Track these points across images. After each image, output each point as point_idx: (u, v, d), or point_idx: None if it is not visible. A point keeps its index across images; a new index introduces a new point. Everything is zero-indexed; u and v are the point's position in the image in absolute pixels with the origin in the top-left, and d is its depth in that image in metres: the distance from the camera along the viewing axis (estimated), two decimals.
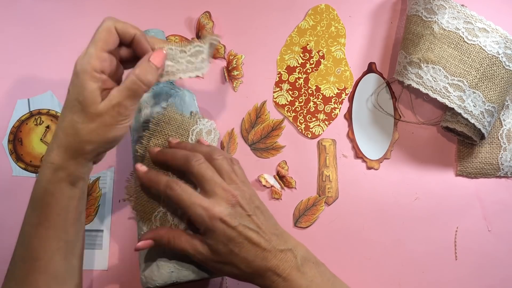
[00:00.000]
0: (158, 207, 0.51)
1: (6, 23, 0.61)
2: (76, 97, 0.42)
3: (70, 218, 0.45)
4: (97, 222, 0.57)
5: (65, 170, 0.43)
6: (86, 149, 0.43)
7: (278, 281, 0.44)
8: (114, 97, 0.42)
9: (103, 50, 0.42)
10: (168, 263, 0.49)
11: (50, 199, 0.43)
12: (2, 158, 0.59)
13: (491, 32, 0.56)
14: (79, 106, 0.42)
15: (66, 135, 0.42)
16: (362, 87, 0.61)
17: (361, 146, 0.60)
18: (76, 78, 0.42)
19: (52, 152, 0.43)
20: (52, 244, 0.44)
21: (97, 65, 0.41)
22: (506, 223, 0.59)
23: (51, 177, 0.43)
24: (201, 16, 0.61)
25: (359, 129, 0.60)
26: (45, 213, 0.43)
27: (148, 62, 0.44)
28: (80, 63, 0.42)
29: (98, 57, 0.42)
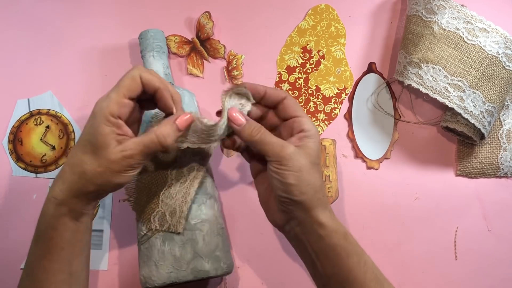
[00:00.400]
0: (157, 208, 0.51)
1: (6, 23, 0.61)
2: (89, 138, 0.42)
3: (74, 251, 0.45)
4: (97, 222, 0.57)
5: (67, 205, 0.43)
6: (89, 189, 0.43)
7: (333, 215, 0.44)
8: (128, 148, 0.42)
9: (125, 96, 0.42)
10: (167, 263, 0.49)
11: (53, 233, 0.43)
12: (2, 158, 0.59)
13: (491, 32, 0.56)
14: (90, 148, 0.42)
15: (72, 173, 0.43)
16: (362, 87, 0.61)
17: (361, 146, 0.60)
18: (93, 119, 0.42)
19: (56, 187, 0.43)
20: (57, 277, 0.44)
21: (115, 110, 0.42)
22: (506, 223, 0.59)
23: (54, 212, 0.43)
24: (201, 16, 0.61)
25: (359, 129, 0.60)
26: (48, 247, 0.44)
27: (173, 124, 0.44)
28: (99, 105, 0.42)
29: (118, 102, 0.42)
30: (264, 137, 0.44)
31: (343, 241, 0.44)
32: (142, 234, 0.51)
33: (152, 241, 0.50)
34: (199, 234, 0.51)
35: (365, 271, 0.44)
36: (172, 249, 0.50)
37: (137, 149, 0.42)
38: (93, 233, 0.57)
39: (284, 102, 0.46)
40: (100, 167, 0.42)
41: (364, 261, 0.44)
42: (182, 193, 0.51)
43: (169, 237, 0.50)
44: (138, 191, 0.52)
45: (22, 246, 0.56)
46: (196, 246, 0.50)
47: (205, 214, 0.51)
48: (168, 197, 0.51)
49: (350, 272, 0.43)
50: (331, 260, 0.44)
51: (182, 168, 0.52)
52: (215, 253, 0.51)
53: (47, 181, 0.58)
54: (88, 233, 0.46)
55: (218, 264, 0.50)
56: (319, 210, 0.43)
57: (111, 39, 0.61)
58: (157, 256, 0.49)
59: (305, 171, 0.43)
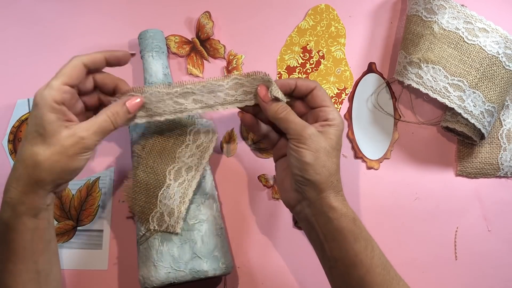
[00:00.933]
0: (155, 208, 0.51)
1: (6, 23, 0.61)
2: (36, 129, 0.42)
3: (38, 249, 0.44)
4: (97, 222, 0.57)
5: (24, 204, 0.42)
6: (46, 180, 0.42)
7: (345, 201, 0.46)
8: (81, 130, 0.43)
9: (65, 83, 0.43)
10: (166, 263, 0.49)
11: (13, 235, 0.43)
12: (2, 158, 0.59)
13: (491, 32, 0.56)
14: (39, 138, 0.42)
15: (25, 167, 0.42)
16: (362, 87, 0.61)
17: (361, 146, 0.60)
18: (35, 110, 0.42)
19: (10, 186, 0.42)
20: (23, 277, 0.43)
21: (57, 97, 0.42)
22: (506, 223, 0.59)
23: (11, 213, 0.42)
24: (201, 16, 0.61)
25: (359, 129, 0.60)
26: (10, 249, 0.43)
27: (123, 106, 0.46)
28: (40, 95, 0.42)
29: (59, 89, 0.42)
30: (288, 116, 0.46)
31: (352, 225, 0.45)
32: (140, 235, 0.51)
33: (151, 242, 0.50)
34: (198, 235, 0.51)
35: (372, 256, 0.45)
36: (171, 249, 0.50)
37: (91, 130, 0.43)
38: (93, 233, 0.57)
39: (313, 92, 0.48)
40: (54, 155, 0.41)
41: (372, 247, 0.45)
42: (180, 193, 0.51)
43: (168, 238, 0.50)
44: (136, 191, 0.52)
45: None
46: (195, 247, 0.50)
47: (203, 214, 0.52)
48: (166, 197, 0.51)
49: (356, 256, 0.44)
50: (338, 243, 0.45)
51: (180, 168, 0.52)
52: (213, 253, 0.51)
53: None
54: (50, 228, 0.45)
55: (217, 264, 0.50)
56: (331, 193, 0.45)
57: (111, 39, 0.61)
58: (156, 257, 0.50)
59: (322, 153, 0.45)
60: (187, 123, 0.53)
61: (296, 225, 0.58)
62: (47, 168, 0.42)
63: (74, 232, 0.57)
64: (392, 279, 0.45)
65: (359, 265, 0.44)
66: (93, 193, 0.58)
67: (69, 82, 0.43)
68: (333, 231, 0.45)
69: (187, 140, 0.53)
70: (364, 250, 0.45)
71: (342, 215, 0.45)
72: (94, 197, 0.58)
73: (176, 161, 0.52)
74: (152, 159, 0.52)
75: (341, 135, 0.47)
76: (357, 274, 0.44)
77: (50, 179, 0.42)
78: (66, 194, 0.58)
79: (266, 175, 0.59)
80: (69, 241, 0.57)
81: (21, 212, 0.42)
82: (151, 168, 0.51)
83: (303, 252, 0.57)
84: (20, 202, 0.42)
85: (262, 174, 0.59)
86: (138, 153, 0.52)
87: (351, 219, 0.45)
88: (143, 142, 0.52)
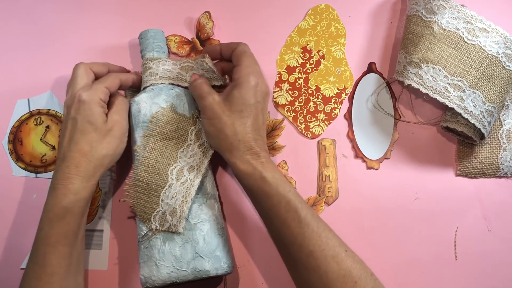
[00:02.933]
0: (157, 207, 0.51)
1: (6, 23, 0.61)
2: (87, 120, 0.49)
3: (81, 235, 0.49)
4: (97, 222, 0.57)
5: (86, 189, 0.48)
6: (104, 163, 0.50)
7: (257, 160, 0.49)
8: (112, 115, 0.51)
9: (106, 87, 0.51)
10: (168, 263, 0.49)
11: (71, 218, 0.47)
12: (2, 158, 0.59)
13: (491, 32, 0.56)
14: (91, 127, 0.49)
15: (83, 155, 0.48)
16: (362, 87, 0.61)
17: (361, 146, 0.60)
18: (83, 106, 0.49)
19: (69, 173, 0.48)
20: (67, 261, 0.47)
21: (102, 96, 0.50)
22: (506, 223, 0.59)
23: (75, 198, 0.47)
24: (201, 16, 0.61)
25: (359, 129, 0.60)
26: (65, 231, 0.47)
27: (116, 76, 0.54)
28: (86, 95, 0.49)
29: (103, 90, 0.51)
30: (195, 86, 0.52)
31: (260, 183, 0.48)
32: (142, 234, 0.51)
33: (153, 241, 0.50)
34: (200, 234, 0.51)
35: (287, 211, 0.47)
36: (173, 248, 0.50)
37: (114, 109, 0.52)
38: (93, 233, 0.57)
39: (234, 52, 0.52)
40: (106, 137, 0.50)
41: (287, 202, 0.47)
42: (183, 193, 0.51)
43: (170, 237, 0.50)
44: (138, 191, 0.52)
45: (22, 246, 0.56)
46: (197, 246, 0.50)
47: (205, 214, 0.52)
48: (168, 197, 0.51)
49: (270, 211, 0.48)
50: (253, 200, 0.50)
51: (182, 167, 0.52)
52: (215, 253, 0.51)
53: (47, 181, 0.58)
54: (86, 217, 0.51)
55: (219, 263, 0.50)
56: (232, 154, 0.49)
57: (111, 39, 0.61)
58: (158, 256, 0.50)
59: (217, 120, 0.49)
60: (188, 123, 0.53)
61: None
62: (103, 152, 0.49)
63: None
64: (312, 232, 0.46)
65: (274, 219, 0.47)
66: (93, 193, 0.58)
67: (109, 88, 0.52)
68: (246, 189, 0.49)
69: (189, 140, 0.53)
70: (277, 206, 0.47)
71: (247, 175, 0.48)
72: (94, 197, 0.58)
73: (178, 161, 0.52)
74: (153, 159, 0.52)
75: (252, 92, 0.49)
76: (275, 227, 0.48)
77: (107, 162, 0.50)
78: None
79: None
80: None
81: (83, 197, 0.48)
82: (153, 167, 0.51)
83: None
84: (82, 187, 0.48)
85: None
86: (139, 152, 0.52)
87: (259, 177, 0.47)
88: (144, 142, 0.52)
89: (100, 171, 0.49)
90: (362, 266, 0.46)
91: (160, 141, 0.52)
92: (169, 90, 0.54)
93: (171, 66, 0.56)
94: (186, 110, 0.54)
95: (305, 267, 0.46)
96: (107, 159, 0.50)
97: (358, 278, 0.45)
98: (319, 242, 0.46)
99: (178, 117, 0.53)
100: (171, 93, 0.54)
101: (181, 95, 0.54)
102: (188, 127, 0.53)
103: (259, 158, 0.49)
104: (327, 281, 0.45)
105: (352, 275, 0.45)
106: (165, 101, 0.53)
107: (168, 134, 0.52)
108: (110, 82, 0.52)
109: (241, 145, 0.49)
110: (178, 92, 0.54)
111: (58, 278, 0.46)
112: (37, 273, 0.47)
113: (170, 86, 0.55)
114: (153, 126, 0.52)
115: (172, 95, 0.54)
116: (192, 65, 0.55)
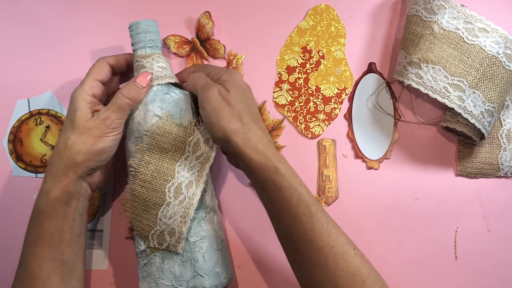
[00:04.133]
0: (155, 226, 0.49)
1: (6, 23, 0.61)
2: (69, 118, 0.47)
3: (65, 239, 0.47)
4: (97, 222, 0.57)
5: (56, 188, 0.46)
6: (76, 161, 0.46)
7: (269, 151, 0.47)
8: (101, 112, 0.47)
9: (94, 79, 0.49)
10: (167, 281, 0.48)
11: (43, 218, 0.46)
12: (2, 158, 0.59)
13: (491, 32, 0.56)
14: (71, 125, 0.47)
15: (57, 153, 0.47)
16: (362, 87, 0.61)
17: (361, 146, 0.60)
18: (70, 104, 0.48)
19: (47, 173, 0.47)
20: (48, 263, 0.46)
21: (88, 89, 0.48)
22: (506, 223, 0.59)
23: (44, 197, 0.46)
24: (201, 16, 0.61)
25: (359, 129, 0.60)
26: (39, 232, 0.46)
27: (134, 83, 0.49)
28: (74, 93, 0.48)
29: (89, 84, 0.49)
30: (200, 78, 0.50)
31: (273, 175, 0.45)
32: (140, 249, 0.50)
33: (151, 258, 0.49)
34: (199, 252, 0.49)
35: (298, 205, 0.45)
36: (172, 267, 0.49)
37: (109, 110, 0.47)
38: (93, 233, 0.57)
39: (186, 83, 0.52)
40: (82, 136, 0.46)
41: (298, 196, 0.45)
42: (181, 212, 0.48)
43: (169, 256, 0.49)
44: (135, 206, 0.49)
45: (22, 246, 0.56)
46: (196, 264, 0.49)
47: (204, 231, 0.50)
48: (166, 216, 0.48)
49: (281, 205, 0.46)
50: (263, 192, 0.47)
51: (180, 184, 0.49)
52: (215, 269, 0.50)
53: None
54: (81, 222, 0.48)
55: (218, 280, 0.50)
56: (245, 146, 0.46)
57: (111, 39, 0.61)
58: (157, 274, 0.49)
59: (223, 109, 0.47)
60: (186, 133, 0.50)
61: None
62: (76, 149, 0.46)
63: None
64: (322, 228, 0.45)
65: (285, 213, 0.45)
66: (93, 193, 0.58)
67: (97, 77, 0.49)
68: (256, 181, 0.47)
69: (186, 151, 0.50)
70: (289, 200, 0.45)
71: (262, 165, 0.46)
72: (94, 197, 0.58)
73: (175, 176, 0.49)
74: (150, 174, 0.49)
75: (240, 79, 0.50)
76: (284, 222, 0.46)
77: (79, 160, 0.46)
78: None
79: None
80: None
81: (53, 196, 0.46)
82: (149, 183, 0.49)
83: None
84: (53, 186, 0.46)
85: None
86: (134, 167, 0.49)
87: (273, 169, 0.45)
88: (139, 156, 0.49)
89: (74, 170, 0.46)
90: (369, 265, 0.46)
91: (156, 154, 0.49)
92: (164, 95, 0.50)
93: (165, 63, 0.52)
94: (183, 117, 0.50)
95: (313, 264, 0.45)
96: (79, 157, 0.46)
97: (367, 277, 0.44)
98: (328, 238, 0.44)
99: (176, 129, 0.49)
100: (167, 99, 0.50)
101: (177, 101, 0.50)
102: (186, 138, 0.49)
103: (271, 148, 0.47)
104: (335, 279, 0.44)
105: (361, 274, 0.44)
106: (160, 108, 0.49)
107: (165, 147, 0.49)
108: (96, 70, 0.50)
109: (252, 135, 0.47)
110: (174, 96, 0.51)
111: (41, 281, 0.45)
112: (21, 276, 0.46)
113: (165, 90, 0.51)
114: (148, 140, 0.49)
115: (167, 100, 0.50)
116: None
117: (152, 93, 0.50)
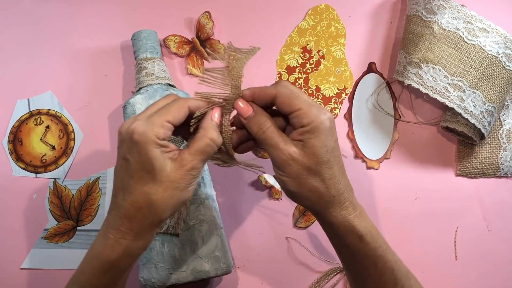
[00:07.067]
0: None
1: (6, 23, 0.61)
2: (142, 167, 0.39)
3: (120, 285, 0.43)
4: (97, 222, 0.57)
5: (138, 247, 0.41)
6: (163, 218, 0.40)
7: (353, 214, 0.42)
8: (187, 161, 0.40)
9: (168, 121, 0.40)
10: (167, 265, 0.49)
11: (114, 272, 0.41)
12: (2, 158, 0.59)
13: (491, 32, 0.56)
14: (148, 176, 0.39)
15: (137, 209, 0.40)
16: (362, 87, 0.61)
17: (361, 146, 0.60)
18: (136, 148, 0.39)
19: (122, 225, 0.40)
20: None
21: (161, 133, 0.39)
22: (506, 223, 0.59)
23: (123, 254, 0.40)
24: (201, 16, 0.61)
25: (359, 129, 0.60)
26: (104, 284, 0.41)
27: (212, 121, 0.42)
28: (139, 134, 0.39)
29: (163, 125, 0.39)
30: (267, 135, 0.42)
31: (358, 243, 0.42)
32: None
33: (152, 243, 0.50)
34: (198, 235, 0.50)
35: (382, 273, 0.43)
36: (172, 250, 0.50)
37: (197, 159, 0.40)
38: (93, 233, 0.57)
39: (276, 100, 0.42)
40: (167, 191, 0.39)
41: (384, 263, 0.43)
42: None
43: (168, 239, 0.50)
44: None
45: (22, 246, 0.56)
46: (196, 247, 0.50)
47: (203, 215, 0.51)
48: None
49: (364, 271, 0.43)
50: (345, 256, 0.44)
51: None
52: (214, 253, 0.51)
53: (47, 181, 0.58)
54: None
55: (218, 264, 0.50)
56: (329, 212, 0.42)
57: (111, 39, 0.61)
58: (157, 258, 0.49)
59: (305, 177, 0.41)
60: None
61: (295, 225, 0.58)
62: (163, 206, 0.40)
63: (74, 232, 0.57)
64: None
65: (368, 279, 0.43)
66: (93, 193, 0.58)
67: (172, 121, 0.40)
68: (338, 245, 0.44)
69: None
70: (373, 267, 0.43)
71: (346, 232, 0.42)
72: (94, 197, 0.58)
73: None
74: None
75: (326, 140, 0.40)
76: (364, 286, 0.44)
77: (166, 216, 0.41)
78: (66, 194, 0.58)
79: (266, 175, 0.59)
80: (69, 241, 0.57)
81: (136, 254, 0.41)
82: None
83: (303, 252, 0.57)
84: (135, 246, 0.40)
85: (262, 174, 0.59)
86: None
87: (357, 236, 0.42)
88: None
89: (159, 225, 0.41)
90: None
91: None
92: (164, 91, 0.53)
93: (164, 68, 0.55)
94: None
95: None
96: (167, 214, 0.40)
97: None
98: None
99: None
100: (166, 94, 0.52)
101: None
102: None
103: (355, 211, 0.43)
104: None
105: None
106: None
107: None
108: (173, 112, 0.40)
109: (335, 201, 0.42)
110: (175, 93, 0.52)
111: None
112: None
113: (165, 87, 0.54)
114: None
115: None
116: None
117: (152, 90, 0.53)
